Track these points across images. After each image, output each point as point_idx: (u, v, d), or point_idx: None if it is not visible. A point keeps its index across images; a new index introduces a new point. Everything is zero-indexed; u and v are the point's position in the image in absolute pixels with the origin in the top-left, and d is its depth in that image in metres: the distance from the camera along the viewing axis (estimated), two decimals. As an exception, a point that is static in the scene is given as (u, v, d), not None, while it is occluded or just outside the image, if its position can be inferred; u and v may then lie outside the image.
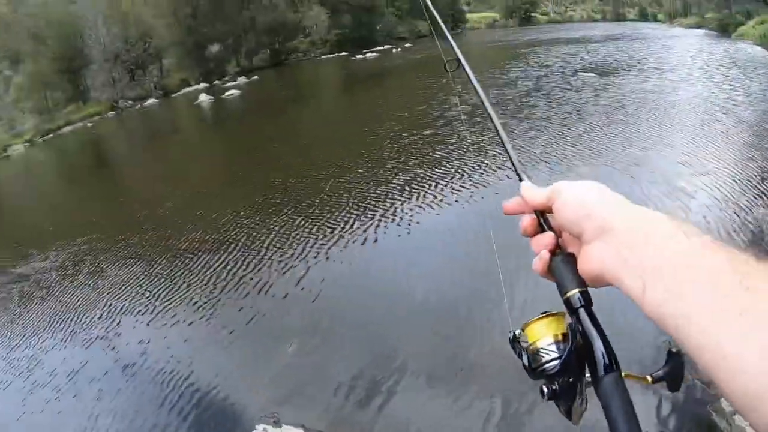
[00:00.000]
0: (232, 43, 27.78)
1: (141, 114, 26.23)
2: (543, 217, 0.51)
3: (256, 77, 26.28)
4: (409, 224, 5.88)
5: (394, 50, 28.75)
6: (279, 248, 6.02)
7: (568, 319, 0.46)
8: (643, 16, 42.18)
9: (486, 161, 7.30)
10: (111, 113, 27.84)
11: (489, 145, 7.79)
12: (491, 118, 0.67)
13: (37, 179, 19.52)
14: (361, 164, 8.60)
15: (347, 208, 6.69)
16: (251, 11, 28.75)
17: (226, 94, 24.27)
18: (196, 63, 27.83)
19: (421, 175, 7.37)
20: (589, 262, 0.43)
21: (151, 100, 27.32)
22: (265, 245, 6.18)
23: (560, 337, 0.46)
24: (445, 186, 6.79)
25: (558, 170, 6.79)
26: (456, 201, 6.30)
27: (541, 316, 0.48)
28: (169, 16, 29.53)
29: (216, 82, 26.88)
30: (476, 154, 7.70)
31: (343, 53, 28.78)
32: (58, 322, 5.85)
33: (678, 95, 10.75)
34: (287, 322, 4.57)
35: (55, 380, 4.63)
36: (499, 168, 6.81)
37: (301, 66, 27.60)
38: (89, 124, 27.45)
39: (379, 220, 6.10)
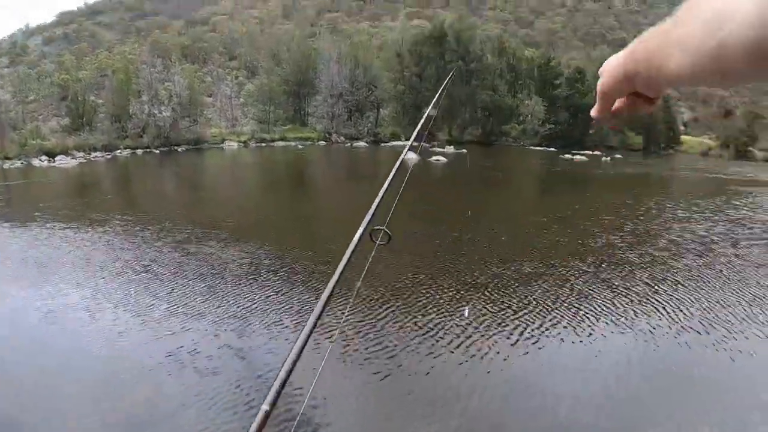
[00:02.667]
0: (448, 112, 29.24)
1: (349, 152, 28.39)
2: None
3: (464, 150, 26.93)
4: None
5: (603, 158, 27.61)
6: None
7: None
8: None
9: None
10: (322, 142, 30.69)
11: None
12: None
13: (243, 176, 21.64)
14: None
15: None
16: (472, 87, 29.99)
17: (433, 158, 25.13)
18: (410, 121, 29.65)
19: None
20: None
21: (360, 143, 29.55)
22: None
23: None
24: None
25: None
26: None
27: None
28: (396, 72, 32.17)
29: (425, 144, 28.15)
30: None
31: (551, 149, 28.35)
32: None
33: None
34: None
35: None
36: None
37: (510, 151, 27.66)
38: (300, 146, 30.50)
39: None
